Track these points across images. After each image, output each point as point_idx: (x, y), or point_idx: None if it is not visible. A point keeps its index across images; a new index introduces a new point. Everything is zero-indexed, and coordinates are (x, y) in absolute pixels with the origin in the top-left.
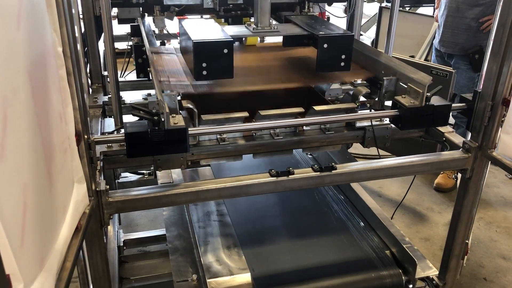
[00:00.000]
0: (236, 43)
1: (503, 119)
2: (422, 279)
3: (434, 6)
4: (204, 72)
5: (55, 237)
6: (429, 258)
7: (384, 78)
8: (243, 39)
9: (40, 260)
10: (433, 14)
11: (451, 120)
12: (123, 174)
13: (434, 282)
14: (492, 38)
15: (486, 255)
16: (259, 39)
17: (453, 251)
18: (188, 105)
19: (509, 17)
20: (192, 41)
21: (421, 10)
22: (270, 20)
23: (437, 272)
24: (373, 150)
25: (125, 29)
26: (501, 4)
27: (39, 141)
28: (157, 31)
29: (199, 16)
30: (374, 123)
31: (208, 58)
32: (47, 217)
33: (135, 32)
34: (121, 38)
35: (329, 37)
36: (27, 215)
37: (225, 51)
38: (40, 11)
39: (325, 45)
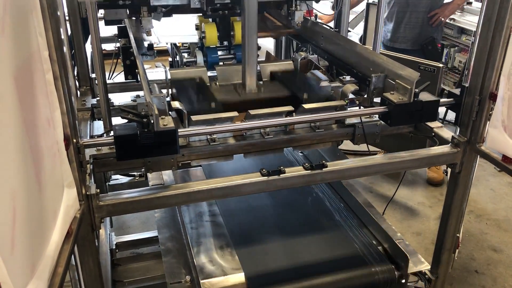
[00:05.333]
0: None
1: (490, 113)
2: (415, 273)
3: None
4: None
5: (45, 243)
6: (421, 252)
7: (373, 75)
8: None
9: (31, 266)
10: None
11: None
12: (113, 176)
13: (426, 276)
14: (478, 33)
15: (477, 247)
16: None
17: (445, 245)
18: (177, 106)
19: (494, 12)
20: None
21: None
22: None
23: (429, 267)
24: (363, 146)
25: (112, 30)
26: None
27: (27, 147)
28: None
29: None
30: (363, 120)
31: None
32: (37, 223)
33: (123, 33)
34: (108, 40)
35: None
36: (16, 221)
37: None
38: (25, 15)
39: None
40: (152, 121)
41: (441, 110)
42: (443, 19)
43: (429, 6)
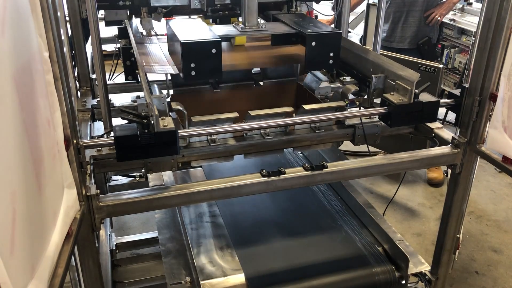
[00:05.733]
0: (224, 44)
1: (490, 113)
2: (415, 274)
3: None
4: (193, 73)
5: (45, 244)
6: (421, 253)
7: (373, 75)
8: (232, 39)
9: (31, 267)
10: None
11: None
12: (114, 177)
13: (426, 277)
14: (479, 33)
15: (477, 248)
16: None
17: (445, 245)
18: (178, 107)
19: (494, 13)
20: (180, 41)
21: None
22: (258, 19)
23: (429, 267)
24: (363, 147)
25: (113, 31)
26: (486, 0)
27: (27, 148)
28: (144, 33)
29: (187, 17)
30: (363, 120)
31: (196, 58)
32: (37, 224)
33: (123, 34)
34: (108, 40)
35: (317, 35)
36: (16, 222)
37: (213, 51)
38: (25, 16)
39: (313, 43)
40: (152, 122)
41: (441, 110)
42: (439, 18)
43: (425, 5)
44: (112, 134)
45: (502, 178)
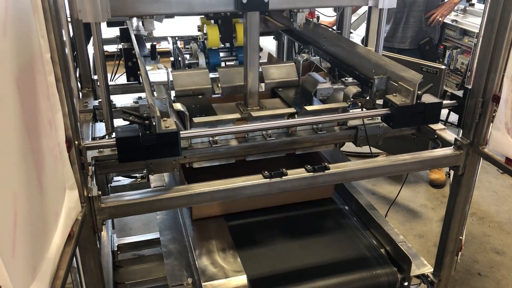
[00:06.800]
0: None
1: (493, 115)
2: (417, 276)
3: None
4: None
5: (47, 246)
6: (423, 254)
7: (375, 77)
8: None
9: (32, 269)
10: None
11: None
12: (115, 178)
13: (429, 279)
14: (481, 34)
15: (479, 250)
16: None
17: (447, 247)
18: (180, 108)
19: (497, 14)
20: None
21: None
22: (259, 100)
23: (431, 269)
24: (365, 148)
25: (114, 31)
26: (489, 1)
27: (28, 149)
28: (146, 34)
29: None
30: (366, 122)
31: None
32: (38, 226)
33: (125, 35)
34: (110, 41)
35: None
36: (17, 224)
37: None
38: (27, 17)
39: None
40: (154, 123)
41: (444, 112)
42: (440, 18)
43: (425, 6)
44: (113, 135)
45: (505, 180)
